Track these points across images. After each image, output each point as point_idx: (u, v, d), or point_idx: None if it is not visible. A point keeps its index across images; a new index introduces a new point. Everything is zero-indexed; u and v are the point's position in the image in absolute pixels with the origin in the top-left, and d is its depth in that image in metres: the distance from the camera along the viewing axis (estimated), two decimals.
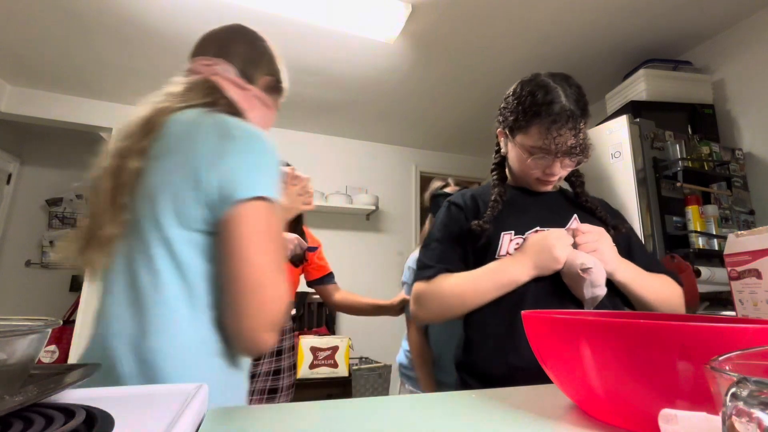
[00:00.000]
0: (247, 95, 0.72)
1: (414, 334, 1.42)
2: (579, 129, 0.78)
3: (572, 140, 0.78)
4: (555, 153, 0.79)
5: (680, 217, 1.73)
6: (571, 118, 0.77)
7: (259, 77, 0.75)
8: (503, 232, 0.83)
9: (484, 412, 0.44)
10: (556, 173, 0.83)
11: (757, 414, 0.16)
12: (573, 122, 0.77)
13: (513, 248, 0.81)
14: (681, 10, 2.03)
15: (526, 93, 0.81)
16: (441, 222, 0.91)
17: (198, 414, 0.41)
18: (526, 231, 0.82)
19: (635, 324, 0.34)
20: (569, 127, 0.77)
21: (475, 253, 0.86)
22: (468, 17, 2.10)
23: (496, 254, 0.82)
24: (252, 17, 2.11)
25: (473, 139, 3.72)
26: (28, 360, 0.34)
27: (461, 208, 0.91)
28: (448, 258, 0.86)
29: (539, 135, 0.79)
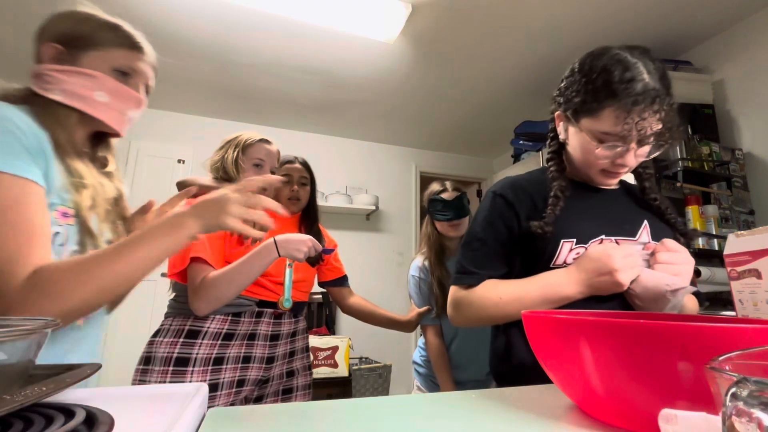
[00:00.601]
0: (36, 73, 0.68)
1: (432, 337, 1.44)
2: (665, 111, 0.66)
3: (658, 125, 0.66)
4: (635, 141, 0.67)
5: (680, 217, 1.73)
6: (657, 99, 0.65)
7: (42, 50, 0.69)
8: (563, 240, 0.72)
9: (484, 412, 0.44)
10: (629, 164, 0.71)
11: (757, 414, 0.16)
12: (659, 104, 0.65)
13: (572, 258, 0.72)
14: (681, 10, 2.04)
15: (598, 69, 0.68)
16: (484, 218, 0.80)
17: (198, 414, 0.41)
18: (589, 240, 0.72)
19: (635, 324, 0.34)
20: (654, 110, 0.65)
21: (526, 256, 0.76)
22: (468, 17, 2.10)
23: (552, 263, 0.73)
24: (252, 17, 2.11)
25: (473, 139, 3.72)
26: (28, 360, 0.34)
27: (510, 203, 0.78)
28: (492, 263, 0.77)
29: (615, 119, 0.66)
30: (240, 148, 1.17)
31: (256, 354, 1.07)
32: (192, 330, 1.02)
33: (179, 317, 1.05)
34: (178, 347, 1.00)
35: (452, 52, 2.41)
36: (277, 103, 3.08)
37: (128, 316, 2.86)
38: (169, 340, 1.01)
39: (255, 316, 1.09)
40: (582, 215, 0.76)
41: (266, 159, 1.18)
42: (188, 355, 0.99)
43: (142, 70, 0.76)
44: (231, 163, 1.15)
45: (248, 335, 1.07)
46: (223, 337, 1.03)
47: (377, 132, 3.56)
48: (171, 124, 3.24)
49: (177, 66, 2.59)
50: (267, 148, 1.20)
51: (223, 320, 1.05)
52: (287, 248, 0.97)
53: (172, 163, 3.17)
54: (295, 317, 1.19)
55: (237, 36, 2.27)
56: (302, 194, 1.29)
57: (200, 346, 1.00)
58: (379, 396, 1.10)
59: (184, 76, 2.72)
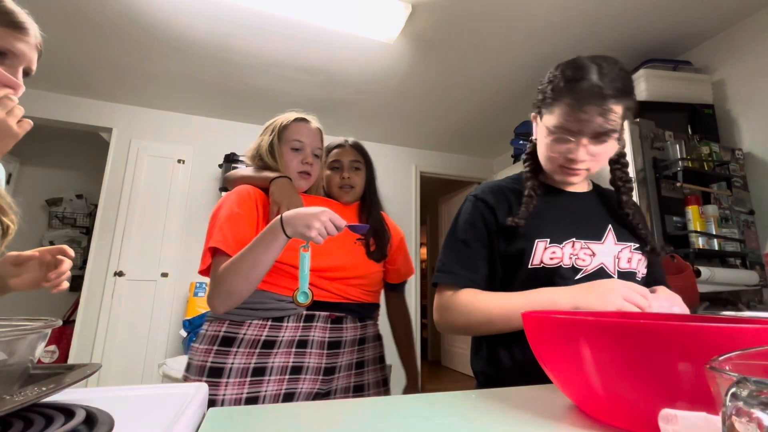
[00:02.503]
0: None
1: None
2: (608, 109, 0.70)
3: (598, 119, 0.71)
4: (585, 136, 0.73)
5: (680, 217, 1.73)
6: (599, 96, 0.70)
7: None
8: (537, 239, 0.75)
9: (484, 412, 0.44)
10: (579, 159, 0.75)
11: (757, 414, 0.16)
12: (601, 100, 0.70)
13: (548, 257, 0.74)
14: (681, 10, 2.04)
15: (559, 70, 0.76)
16: (466, 220, 0.82)
17: (198, 414, 0.41)
18: (563, 240, 0.75)
19: (635, 324, 0.34)
20: (596, 105, 0.70)
21: (505, 260, 0.78)
22: (468, 17, 2.10)
23: (529, 263, 0.75)
24: (252, 17, 2.11)
25: (473, 139, 3.72)
26: (28, 360, 0.34)
27: (490, 207, 0.81)
28: (473, 263, 0.79)
29: (564, 114, 0.73)
30: (275, 132, 1.05)
31: (310, 364, 0.91)
32: (226, 337, 0.89)
33: (215, 322, 0.93)
34: (211, 356, 0.88)
35: (452, 52, 2.41)
36: (277, 103, 3.08)
37: (128, 317, 2.86)
38: (204, 347, 0.90)
39: (303, 320, 0.93)
40: (554, 217, 0.79)
41: (305, 140, 1.05)
42: (222, 364, 0.86)
43: (21, 51, 0.67)
44: (266, 151, 1.05)
45: (297, 342, 0.91)
46: (262, 345, 0.89)
47: (377, 132, 3.56)
48: (171, 124, 3.24)
49: (177, 66, 2.59)
50: (304, 128, 1.06)
51: (261, 326, 0.90)
52: (294, 225, 0.79)
53: (172, 163, 3.17)
54: (362, 321, 1.01)
55: (237, 36, 2.27)
56: (356, 180, 1.13)
57: (235, 354, 0.87)
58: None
59: (184, 76, 2.72)
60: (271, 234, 0.80)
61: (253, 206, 0.95)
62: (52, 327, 0.35)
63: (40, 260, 0.77)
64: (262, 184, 1.00)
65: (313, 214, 0.79)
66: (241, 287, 0.83)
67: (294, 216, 0.80)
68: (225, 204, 0.95)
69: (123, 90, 2.92)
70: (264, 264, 0.82)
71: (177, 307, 2.99)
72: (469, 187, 4.14)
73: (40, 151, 3.66)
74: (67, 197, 3.68)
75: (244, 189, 0.98)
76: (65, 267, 0.77)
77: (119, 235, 2.95)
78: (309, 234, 0.77)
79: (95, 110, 3.06)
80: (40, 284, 0.77)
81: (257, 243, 0.81)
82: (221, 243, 0.87)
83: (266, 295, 0.91)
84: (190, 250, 3.11)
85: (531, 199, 0.79)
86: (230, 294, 0.83)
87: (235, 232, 0.89)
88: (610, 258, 0.76)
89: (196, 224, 3.16)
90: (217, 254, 0.88)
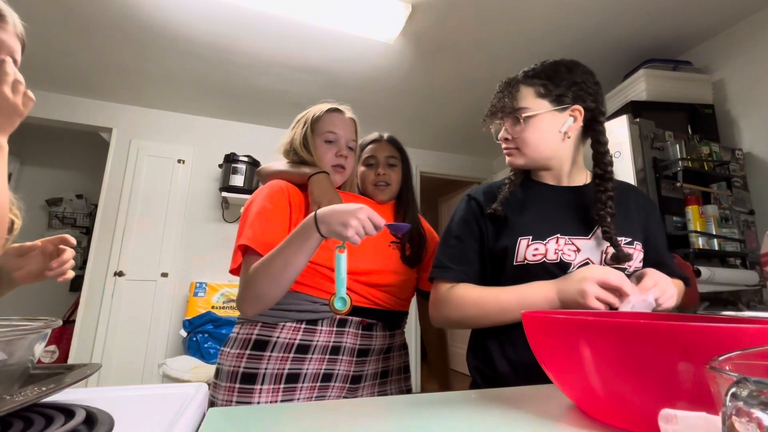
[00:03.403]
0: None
1: None
2: (508, 91, 0.82)
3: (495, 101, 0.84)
4: (490, 116, 0.86)
5: (680, 217, 1.73)
6: (507, 82, 0.83)
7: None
8: (520, 237, 0.77)
9: (484, 412, 0.44)
10: (501, 138, 0.86)
11: (757, 414, 0.16)
12: (506, 85, 0.83)
13: (531, 254, 0.75)
14: (681, 10, 2.03)
15: None
16: (461, 218, 0.85)
17: (198, 414, 0.41)
18: (546, 237, 0.76)
19: (635, 324, 0.34)
20: (501, 89, 0.84)
21: (493, 257, 0.80)
22: (468, 17, 2.10)
23: (514, 261, 0.76)
24: (253, 17, 2.11)
25: (473, 139, 3.72)
26: (28, 360, 0.34)
27: (481, 206, 0.84)
28: (467, 259, 0.81)
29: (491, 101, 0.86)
30: (308, 124, 1.01)
31: (340, 371, 0.86)
32: (259, 340, 0.84)
33: (247, 324, 0.88)
34: (244, 361, 0.83)
35: (452, 52, 2.41)
36: (277, 103, 3.08)
37: (128, 317, 2.86)
38: (236, 351, 0.85)
39: (337, 324, 0.87)
40: (540, 213, 0.80)
41: (339, 132, 1.01)
42: (255, 370, 0.82)
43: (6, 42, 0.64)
44: (300, 144, 1.00)
45: (330, 348, 0.86)
46: (296, 349, 0.84)
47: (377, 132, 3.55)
48: (171, 124, 3.24)
49: (177, 66, 2.59)
50: (338, 119, 1.02)
51: (295, 329, 0.85)
52: (329, 224, 0.72)
53: (172, 163, 3.17)
54: (390, 330, 0.96)
55: (237, 36, 2.27)
56: (392, 177, 1.07)
57: (269, 359, 0.82)
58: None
59: (184, 76, 2.72)
60: (304, 233, 0.74)
61: (286, 202, 0.91)
62: (52, 327, 0.35)
63: (42, 250, 0.78)
64: (299, 180, 0.95)
65: (350, 211, 0.71)
66: (272, 290, 0.77)
67: (329, 213, 0.72)
68: (256, 200, 0.90)
69: (123, 90, 2.92)
70: (296, 265, 0.76)
71: (177, 307, 2.99)
72: (469, 186, 4.14)
73: (40, 151, 3.66)
74: (67, 197, 3.68)
75: (276, 184, 0.93)
76: (67, 255, 0.77)
77: (119, 235, 2.95)
78: (345, 233, 0.70)
79: (95, 110, 3.06)
80: (44, 274, 0.77)
81: (289, 243, 0.76)
82: (251, 241, 0.81)
83: (300, 297, 0.86)
84: (190, 250, 3.11)
85: (509, 185, 0.84)
86: (260, 297, 0.78)
87: (266, 229, 0.84)
88: (596, 253, 0.76)
89: (196, 224, 3.16)
90: (247, 252, 0.83)
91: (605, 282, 0.64)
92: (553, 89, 0.81)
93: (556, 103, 0.80)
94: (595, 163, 0.83)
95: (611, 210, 0.77)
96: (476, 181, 4.17)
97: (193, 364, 2.35)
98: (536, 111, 0.80)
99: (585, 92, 0.82)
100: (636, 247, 0.78)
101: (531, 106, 0.80)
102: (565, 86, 0.81)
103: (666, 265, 0.83)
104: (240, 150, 3.13)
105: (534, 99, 0.81)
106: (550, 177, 0.86)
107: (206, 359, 2.49)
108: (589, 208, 0.81)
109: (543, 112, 0.80)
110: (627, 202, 0.84)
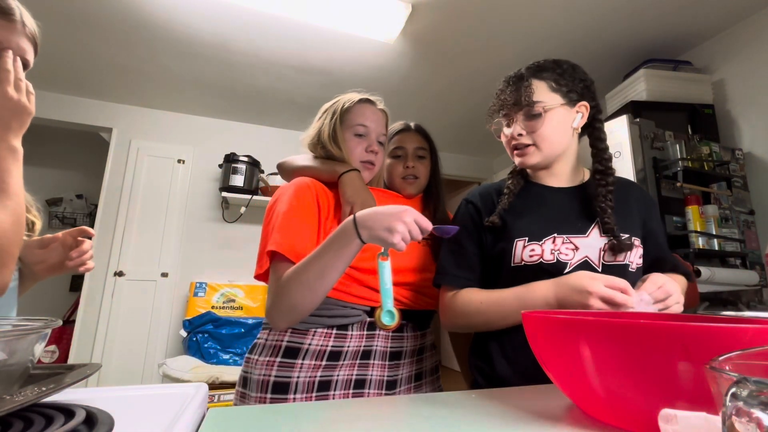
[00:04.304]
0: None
1: None
2: (519, 85, 0.80)
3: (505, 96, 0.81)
4: (497, 110, 0.83)
5: (680, 217, 1.73)
6: (515, 77, 0.82)
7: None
8: (516, 239, 0.77)
9: (484, 412, 0.44)
10: (509, 134, 0.83)
11: (757, 414, 0.16)
12: (515, 80, 0.81)
13: (528, 255, 0.75)
14: (681, 10, 2.03)
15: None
16: (459, 222, 0.86)
17: (198, 414, 0.41)
18: (542, 237, 0.76)
19: (635, 324, 0.34)
20: (510, 83, 0.82)
21: (491, 259, 0.81)
22: (468, 17, 2.10)
23: (511, 262, 0.77)
24: (252, 17, 2.11)
25: (473, 139, 3.72)
26: (28, 360, 0.34)
27: (478, 209, 0.85)
28: (468, 264, 0.81)
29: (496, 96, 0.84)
30: (337, 115, 0.94)
31: (373, 377, 0.82)
32: (290, 347, 0.80)
33: (275, 330, 0.84)
34: (275, 369, 0.79)
35: (452, 52, 2.41)
36: (277, 103, 3.08)
37: (128, 317, 2.86)
38: (265, 359, 0.81)
39: (367, 328, 0.83)
40: (536, 214, 0.80)
41: (370, 125, 0.94)
42: (287, 379, 0.78)
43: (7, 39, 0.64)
44: (329, 137, 0.92)
45: (361, 353, 0.82)
46: (328, 356, 0.80)
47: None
48: (171, 124, 3.24)
49: (177, 66, 2.59)
50: (369, 110, 0.96)
51: (327, 335, 0.81)
52: (372, 228, 0.65)
53: (172, 163, 3.17)
54: (421, 330, 0.91)
55: (237, 36, 2.27)
56: (420, 170, 1.02)
57: (301, 367, 0.79)
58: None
59: (184, 76, 2.72)
60: (342, 239, 0.68)
61: (313, 202, 0.84)
62: (52, 327, 0.35)
63: (62, 242, 0.79)
64: (328, 178, 0.88)
65: (394, 214, 0.65)
66: (306, 300, 0.72)
67: (371, 217, 0.66)
68: (281, 199, 0.84)
69: (123, 90, 2.92)
70: (333, 274, 0.70)
71: (177, 307, 2.99)
72: (469, 186, 4.14)
73: (40, 151, 3.66)
74: (67, 197, 3.68)
75: (303, 182, 0.86)
76: (86, 246, 0.79)
77: (119, 235, 2.95)
78: (391, 239, 0.64)
79: (95, 110, 3.06)
80: (65, 265, 0.79)
81: (325, 249, 0.70)
82: (280, 246, 0.76)
83: (330, 302, 0.82)
84: (190, 250, 3.11)
85: (507, 195, 0.82)
86: (294, 308, 0.73)
87: (295, 233, 0.78)
88: (595, 251, 0.76)
89: (196, 224, 3.16)
90: (275, 258, 0.77)
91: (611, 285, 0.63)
92: (563, 84, 0.80)
93: (567, 98, 0.80)
94: (595, 159, 0.84)
95: (611, 203, 0.77)
96: (476, 181, 4.17)
97: (193, 364, 2.35)
98: (552, 105, 0.79)
99: (588, 90, 0.83)
100: (635, 242, 0.78)
101: (546, 100, 0.79)
102: (575, 83, 0.81)
103: (667, 261, 0.84)
104: (240, 150, 3.13)
105: (548, 93, 0.79)
106: (550, 177, 0.85)
107: (206, 359, 2.50)
108: (588, 206, 0.81)
109: (558, 106, 0.79)
110: (626, 198, 0.84)
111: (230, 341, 2.59)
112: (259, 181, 3.09)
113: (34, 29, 0.68)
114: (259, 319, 2.74)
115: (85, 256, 0.79)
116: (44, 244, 0.79)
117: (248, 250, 3.21)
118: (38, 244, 0.78)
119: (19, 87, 0.61)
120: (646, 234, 0.83)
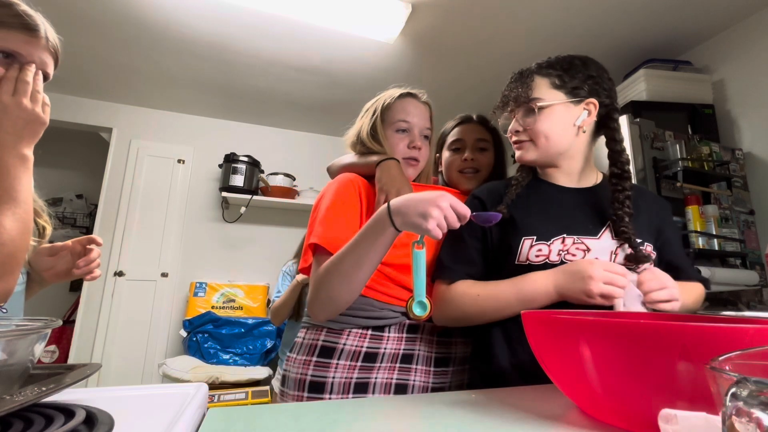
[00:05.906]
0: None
1: None
2: (521, 81, 0.81)
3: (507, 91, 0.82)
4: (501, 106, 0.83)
5: (680, 217, 1.73)
6: (520, 73, 0.83)
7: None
8: (524, 237, 0.75)
9: (484, 412, 0.44)
10: (512, 129, 0.83)
11: (757, 414, 0.16)
12: (519, 75, 0.82)
13: (534, 255, 0.73)
14: (681, 10, 2.03)
15: None
16: None
17: (198, 414, 0.41)
18: (551, 237, 0.74)
19: (635, 324, 0.34)
20: (514, 79, 0.83)
21: (496, 254, 0.79)
22: (468, 17, 2.10)
23: (516, 260, 0.75)
24: (252, 17, 2.11)
25: None
26: (28, 360, 0.34)
27: (483, 202, 0.83)
28: (469, 259, 0.80)
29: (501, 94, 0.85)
30: (378, 113, 0.92)
31: (416, 382, 0.79)
32: (326, 346, 0.79)
33: (312, 329, 0.83)
34: (311, 368, 0.78)
35: (452, 53, 2.41)
36: (277, 103, 3.08)
37: (128, 317, 2.86)
38: (302, 358, 0.81)
39: (407, 330, 0.81)
40: (546, 214, 0.79)
41: (413, 120, 0.92)
42: (323, 378, 0.77)
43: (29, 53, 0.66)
44: (368, 135, 0.91)
45: (401, 356, 0.80)
46: (363, 357, 0.79)
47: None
48: (171, 124, 3.24)
49: (177, 66, 2.59)
50: (411, 105, 0.93)
51: (361, 335, 0.80)
52: (406, 215, 0.63)
53: (172, 163, 3.17)
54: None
55: (237, 36, 2.27)
56: (482, 162, 0.98)
57: (336, 367, 0.78)
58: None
59: (184, 76, 2.72)
60: (376, 227, 0.67)
61: (356, 196, 0.84)
62: (52, 327, 0.35)
63: (71, 250, 0.81)
64: (367, 171, 0.88)
65: (429, 199, 0.62)
66: (343, 291, 0.71)
67: (405, 203, 0.64)
68: (326, 195, 0.85)
69: (123, 90, 2.92)
70: (369, 264, 0.69)
71: (177, 307, 2.99)
72: None
73: (40, 152, 3.65)
74: (67, 197, 3.68)
75: (345, 177, 0.87)
76: (94, 255, 0.80)
77: (119, 235, 2.95)
78: (426, 225, 0.61)
79: (95, 110, 3.06)
80: (72, 273, 0.80)
81: (361, 239, 0.69)
82: (321, 238, 0.76)
83: (365, 301, 0.81)
84: (190, 250, 3.11)
85: (515, 187, 0.81)
86: (331, 300, 0.72)
87: (337, 226, 0.78)
88: (606, 254, 0.75)
89: (196, 224, 3.16)
90: (318, 251, 0.78)
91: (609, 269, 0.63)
92: (568, 81, 0.79)
93: (571, 95, 0.79)
94: (611, 162, 0.81)
95: (629, 210, 0.75)
96: None
97: (193, 364, 2.35)
98: (550, 102, 0.78)
99: (600, 87, 0.81)
100: (646, 248, 0.77)
101: (545, 97, 0.78)
102: (581, 79, 0.80)
103: (682, 268, 0.81)
104: (240, 150, 3.13)
105: (549, 90, 0.79)
106: (561, 176, 0.84)
107: (206, 359, 2.49)
108: (600, 209, 0.79)
109: (557, 104, 0.78)
110: (637, 203, 0.82)
111: (230, 341, 2.59)
112: (259, 181, 3.09)
113: (56, 43, 0.72)
114: (259, 319, 2.74)
115: (93, 264, 0.81)
116: (54, 251, 0.80)
117: (248, 250, 3.22)
118: (48, 251, 0.80)
119: (35, 98, 0.63)
120: (661, 240, 0.82)
